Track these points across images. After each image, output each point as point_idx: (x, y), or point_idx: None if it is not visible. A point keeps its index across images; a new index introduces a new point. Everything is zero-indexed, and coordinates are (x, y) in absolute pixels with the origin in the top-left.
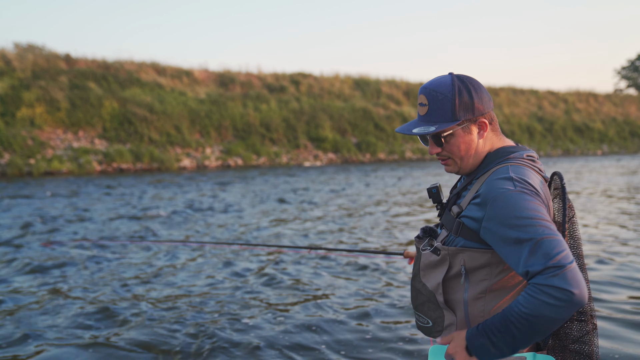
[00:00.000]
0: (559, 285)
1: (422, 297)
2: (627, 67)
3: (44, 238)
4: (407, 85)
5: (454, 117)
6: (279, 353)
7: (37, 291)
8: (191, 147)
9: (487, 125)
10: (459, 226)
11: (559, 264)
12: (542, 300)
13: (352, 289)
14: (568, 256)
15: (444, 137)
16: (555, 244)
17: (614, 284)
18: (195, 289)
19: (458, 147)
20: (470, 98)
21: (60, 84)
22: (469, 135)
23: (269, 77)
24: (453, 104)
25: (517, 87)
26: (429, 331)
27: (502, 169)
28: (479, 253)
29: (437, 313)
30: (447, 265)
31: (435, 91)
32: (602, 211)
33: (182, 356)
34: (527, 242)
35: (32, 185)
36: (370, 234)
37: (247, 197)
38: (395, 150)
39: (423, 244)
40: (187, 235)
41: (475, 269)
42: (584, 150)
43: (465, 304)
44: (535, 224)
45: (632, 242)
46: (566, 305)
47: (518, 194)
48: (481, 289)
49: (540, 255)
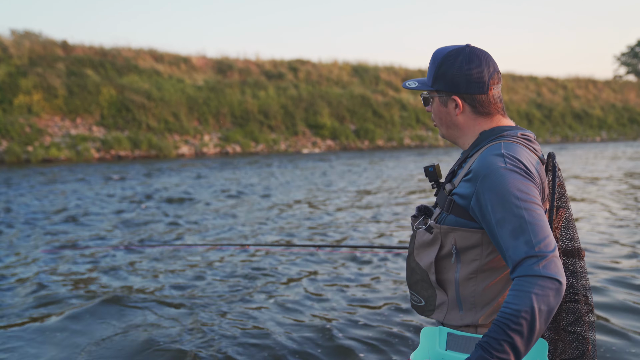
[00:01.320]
0: (544, 274)
1: (416, 276)
2: (627, 53)
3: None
4: (405, 72)
5: (431, 83)
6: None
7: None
8: (189, 134)
9: (461, 106)
10: (450, 203)
11: (540, 253)
12: (530, 292)
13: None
14: (550, 243)
15: (423, 98)
16: (538, 229)
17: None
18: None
19: (435, 114)
20: (453, 72)
21: (57, 70)
22: (443, 108)
23: (267, 63)
24: (435, 70)
25: (516, 74)
26: (422, 310)
27: (495, 145)
28: (470, 232)
29: (430, 292)
30: (439, 244)
31: (435, 55)
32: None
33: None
34: (510, 224)
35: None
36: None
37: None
38: (394, 137)
39: (418, 222)
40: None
41: (466, 249)
42: (583, 136)
43: (457, 283)
44: (521, 206)
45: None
46: (554, 293)
47: (508, 172)
48: (472, 269)
49: (523, 242)
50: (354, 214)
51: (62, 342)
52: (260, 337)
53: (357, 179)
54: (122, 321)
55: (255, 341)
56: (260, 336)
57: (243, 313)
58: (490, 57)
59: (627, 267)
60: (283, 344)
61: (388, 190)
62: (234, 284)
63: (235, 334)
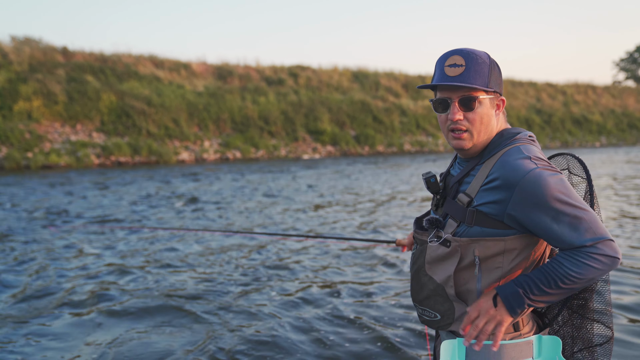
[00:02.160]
0: (610, 254)
1: (427, 291)
2: (626, 59)
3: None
4: (405, 78)
5: (488, 84)
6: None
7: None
8: (189, 140)
9: (502, 106)
10: (473, 214)
11: (606, 237)
12: (591, 265)
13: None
14: (604, 228)
15: (478, 101)
16: (595, 219)
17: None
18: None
19: (482, 117)
20: (499, 74)
21: (57, 77)
22: (492, 110)
23: (267, 69)
24: (490, 71)
25: (515, 79)
26: (437, 324)
27: (514, 149)
28: (494, 242)
29: (446, 305)
30: (459, 257)
31: (475, 54)
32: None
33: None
34: (566, 218)
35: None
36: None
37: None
38: (394, 143)
39: (430, 236)
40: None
41: (489, 258)
42: (582, 142)
43: (479, 293)
44: (571, 203)
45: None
46: (610, 268)
47: (546, 172)
48: (495, 277)
49: (586, 231)
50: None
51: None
52: (269, 337)
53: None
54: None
55: (264, 339)
56: (268, 335)
57: (248, 309)
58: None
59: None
60: (290, 342)
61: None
62: (242, 279)
63: (242, 333)
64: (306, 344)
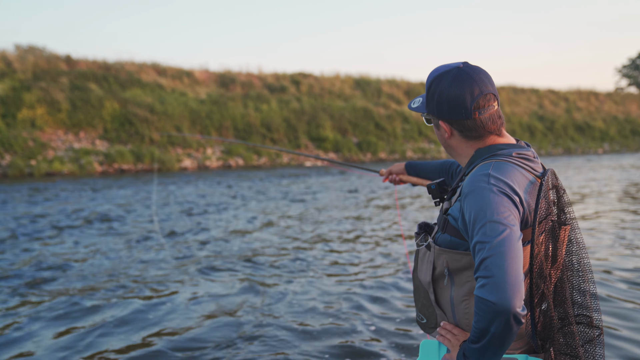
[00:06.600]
0: (482, 295)
1: (419, 293)
2: (628, 65)
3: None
4: (407, 85)
5: (425, 106)
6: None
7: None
8: (192, 147)
9: (448, 131)
10: (445, 222)
11: (484, 275)
12: (476, 312)
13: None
14: (497, 265)
15: (426, 120)
16: (494, 250)
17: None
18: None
19: (437, 136)
20: (437, 96)
21: (61, 85)
22: (437, 130)
23: (269, 77)
24: (426, 93)
25: (517, 86)
26: (424, 327)
27: (485, 165)
28: (461, 255)
29: (430, 310)
30: (432, 265)
31: (428, 76)
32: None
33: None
34: (478, 243)
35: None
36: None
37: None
38: (397, 150)
39: (419, 239)
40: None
41: (459, 271)
42: (585, 149)
43: (452, 304)
44: (488, 227)
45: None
46: (490, 315)
47: (487, 192)
48: (465, 291)
49: (478, 260)
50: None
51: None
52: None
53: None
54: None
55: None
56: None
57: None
58: (480, 77)
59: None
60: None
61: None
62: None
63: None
64: (306, 342)
